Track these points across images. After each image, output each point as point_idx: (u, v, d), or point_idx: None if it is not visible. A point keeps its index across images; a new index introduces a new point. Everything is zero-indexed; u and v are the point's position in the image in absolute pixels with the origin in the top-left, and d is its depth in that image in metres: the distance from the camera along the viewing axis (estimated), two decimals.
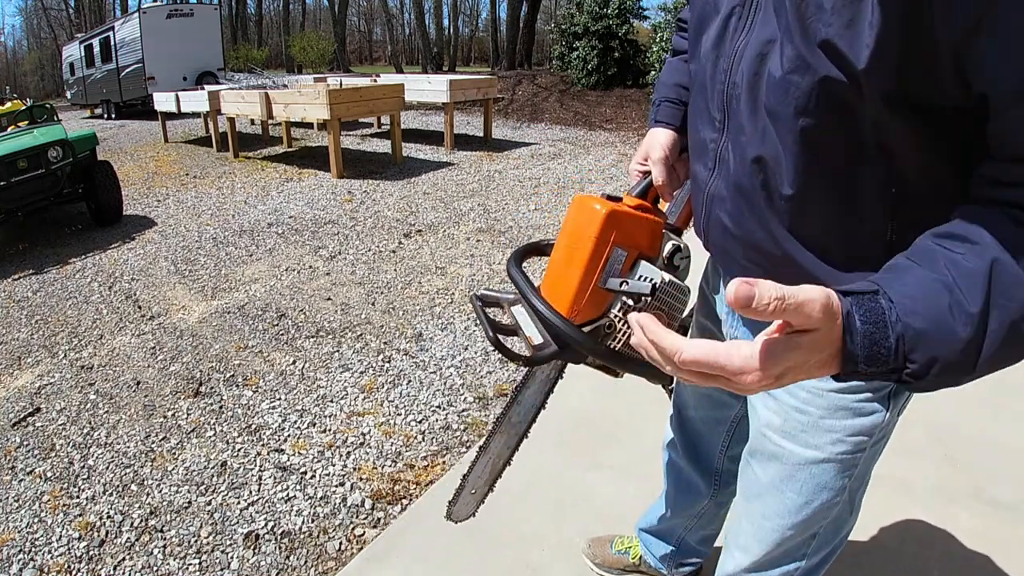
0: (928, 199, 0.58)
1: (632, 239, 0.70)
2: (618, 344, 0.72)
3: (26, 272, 4.18)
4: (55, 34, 38.15)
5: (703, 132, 0.74)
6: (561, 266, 0.73)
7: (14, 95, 18.52)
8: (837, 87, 0.53)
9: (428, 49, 24.73)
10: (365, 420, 2.22)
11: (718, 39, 0.68)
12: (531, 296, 0.72)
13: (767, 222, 0.66)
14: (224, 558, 1.64)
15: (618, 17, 10.83)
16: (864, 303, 0.47)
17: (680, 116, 0.88)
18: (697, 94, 0.75)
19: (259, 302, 3.33)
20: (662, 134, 0.88)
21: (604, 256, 0.69)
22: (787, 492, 0.80)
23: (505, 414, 0.99)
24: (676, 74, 0.93)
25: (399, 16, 44.69)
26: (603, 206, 0.68)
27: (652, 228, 0.72)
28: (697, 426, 1.13)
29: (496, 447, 1.03)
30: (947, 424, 1.90)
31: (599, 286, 0.69)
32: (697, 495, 1.19)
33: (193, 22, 13.98)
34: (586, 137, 8.26)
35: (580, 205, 0.72)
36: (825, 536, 0.84)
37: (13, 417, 2.40)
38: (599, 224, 0.68)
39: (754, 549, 0.87)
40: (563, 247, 0.74)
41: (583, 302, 0.70)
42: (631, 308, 0.69)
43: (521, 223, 4.52)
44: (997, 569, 1.45)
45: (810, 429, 0.76)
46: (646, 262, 0.71)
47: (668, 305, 0.71)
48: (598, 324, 0.71)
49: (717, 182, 0.72)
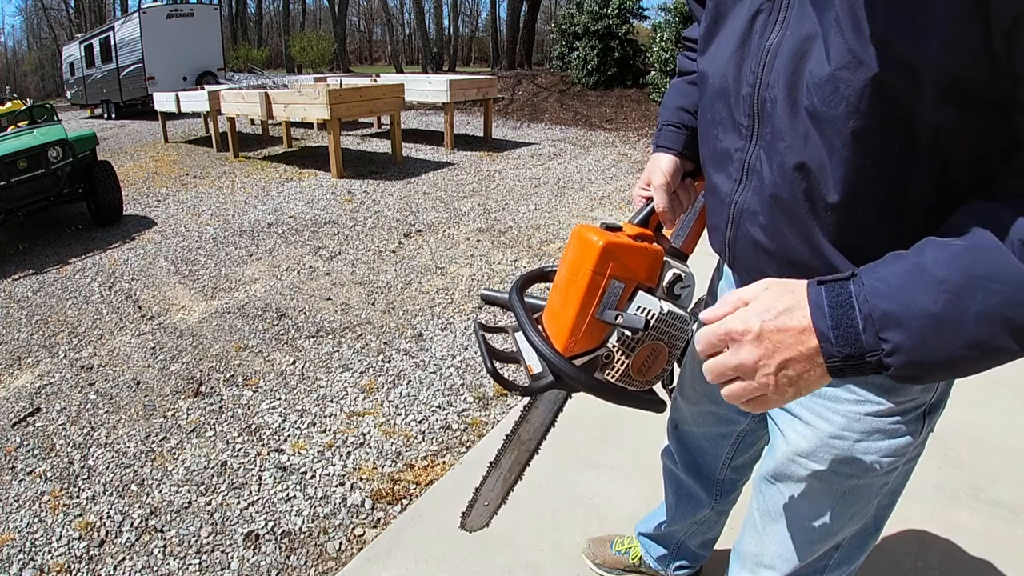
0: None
1: (630, 270, 0.70)
2: (616, 375, 0.72)
3: (26, 272, 4.18)
4: (55, 34, 38.15)
5: (725, 141, 0.70)
6: (559, 297, 0.73)
7: (14, 95, 18.54)
8: (894, 83, 0.50)
9: (428, 49, 24.72)
10: (365, 420, 2.22)
11: (742, 39, 0.64)
12: (526, 327, 0.72)
13: (810, 234, 0.62)
14: (224, 558, 1.64)
15: (618, 17, 10.83)
16: (834, 289, 0.51)
17: (683, 141, 0.86)
18: (715, 100, 0.71)
19: (259, 302, 3.33)
20: (664, 159, 0.86)
21: (601, 288, 0.69)
22: (818, 512, 0.78)
23: (515, 432, 0.99)
24: (680, 97, 0.90)
25: (399, 16, 44.70)
26: (600, 238, 0.68)
27: (651, 258, 0.71)
28: (699, 441, 1.11)
29: (507, 463, 1.04)
30: (947, 424, 1.89)
31: (595, 317, 0.69)
32: (698, 505, 1.18)
33: (193, 22, 13.98)
34: (586, 137, 8.26)
35: (579, 236, 0.72)
36: (848, 550, 0.82)
37: (13, 417, 2.40)
38: (595, 257, 0.68)
39: (782, 567, 0.84)
40: (562, 278, 0.74)
41: (580, 334, 0.70)
42: (630, 339, 0.70)
43: (521, 223, 4.52)
44: (997, 569, 1.45)
45: (845, 453, 0.73)
46: (644, 293, 0.71)
47: (668, 335, 0.71)
48: (596, 354, 0.71)
49: (746, 194, 0.68)
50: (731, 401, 0.57)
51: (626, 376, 0.71)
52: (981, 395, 2.06)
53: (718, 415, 1.03)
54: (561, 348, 0.72)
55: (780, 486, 0.82)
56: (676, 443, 1.17)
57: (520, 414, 0.97)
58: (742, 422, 1.01)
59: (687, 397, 1.08)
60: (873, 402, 0.71)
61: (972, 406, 1.98)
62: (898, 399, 0.71)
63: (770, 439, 0.86)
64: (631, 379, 0.72)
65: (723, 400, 0.96)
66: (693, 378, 1.04)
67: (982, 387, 2.11)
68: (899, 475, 0.77)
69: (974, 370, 0.50)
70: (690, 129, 0.86)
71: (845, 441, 0.73)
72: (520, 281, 0.81)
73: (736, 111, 0.67)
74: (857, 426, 0.72)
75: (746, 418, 1.00)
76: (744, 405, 0.56)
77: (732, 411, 0.99)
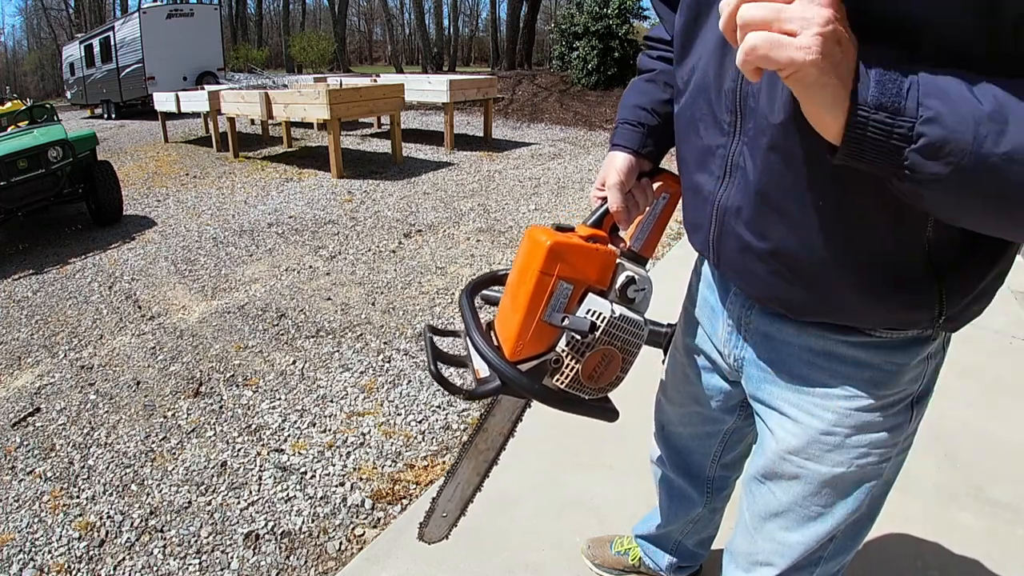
0: None
1: (579, 272, 0.68)
2: (565, 380, 0.69)
3: (26, 272, 4.18)
4: (55, 34, 38.14)
5: (707, 138, 0.69)
6: (509, 299, 0.71)
7: (14, 95, 18.53)
8: None
9: (428, 49, 24.72)
10: (365, 420, 2.22)
11: None
12: (471, 330, 0.70)
13: (799, 228, 0.62)
14: (224, 558, 1.64)
15: (618, 17, 10.83)
16: (880, 48, 0.45)
17: (639, 139, 0.84)
18: (696, 97, 0.70)
19: (259, 302, 3.33)
20: (619, 158, 0.83)
21: (548, 290, 0.67)
22: (812, 507, 0.78)
23: (471, 441, 0.96)
24: (638, 95, 0.89)
25: (399, 16, 44.69)
26: (548, 238, 0.66)
27: (602, 259, 0.69)
28: (686, 442, 1.11)
29: (464, 473, 1.00)
30: (947, 424, 1.90)
31: (543, 320, 0.68)
32: (691, 504, 1.18)
33: (193, 22, 13.98)
34: (586, 137, 8.26)
35: (529, 237, 0.70)
36: (843, 541, 0.83)
37: (13, 417, 2.40)
38: (542, 257, 0.66)
39: (779, 563, 0.85)
40: (512, 280, 0.72)
41: (527, 337, 0.68)
42: (579, 343, 0.67)
43: (521, 223, 4.51)
44: (997, 569, 1.45)
45: (836, 448, 0.73)
46: (595, 295, 0.69)
47: (620, 340, 0.69)
48: (545, 358, 0.69)
49: (730, 191, 0.67)
50: (742, 45, 0.47)
51: (576, 383, 0.69)
52: (981, 395, 2.06)
53: (704, 415, 1.02)
54: (509, 352, 0.70)
55: (771, 484, 0.82)
56: (664, 445, 1.16)
57: (476, 423, 0.94)
58: (728, 421, 1.02)
59: (671, 399, 1.07)
60: (863, 397, 0.71)
61: (972, 406, 1.98)
62: (887, 392, 0.71)
63: (758, 438, 0.86)
64: (582, 386, 0.70)
65: (708, 400, 0.98)
66: (676, 381, 1.04)
67: (982, 387, 2.11)
68: (892, 465, 0.77)
69: (996, 205, 0.46)
70: (647, 127, 0.85)
71: (836, 437, 0.73)
72: (471, 284, 0.80)
73: (718, 107, 0.66)
74: (847, 421, 0.72)
75: (732, 416, 1.00)
76: (751, 53, 0.46)
77: (718, 411, 0.99)
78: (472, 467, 1.00)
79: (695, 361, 0.97)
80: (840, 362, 0.71)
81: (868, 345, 0.70)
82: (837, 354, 0.71)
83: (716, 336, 0.87)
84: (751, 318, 0.79)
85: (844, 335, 0.70)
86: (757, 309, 0.78)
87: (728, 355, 0.85)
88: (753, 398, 0.83)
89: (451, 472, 1.01)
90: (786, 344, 0.75)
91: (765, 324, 0.77)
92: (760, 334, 0.78)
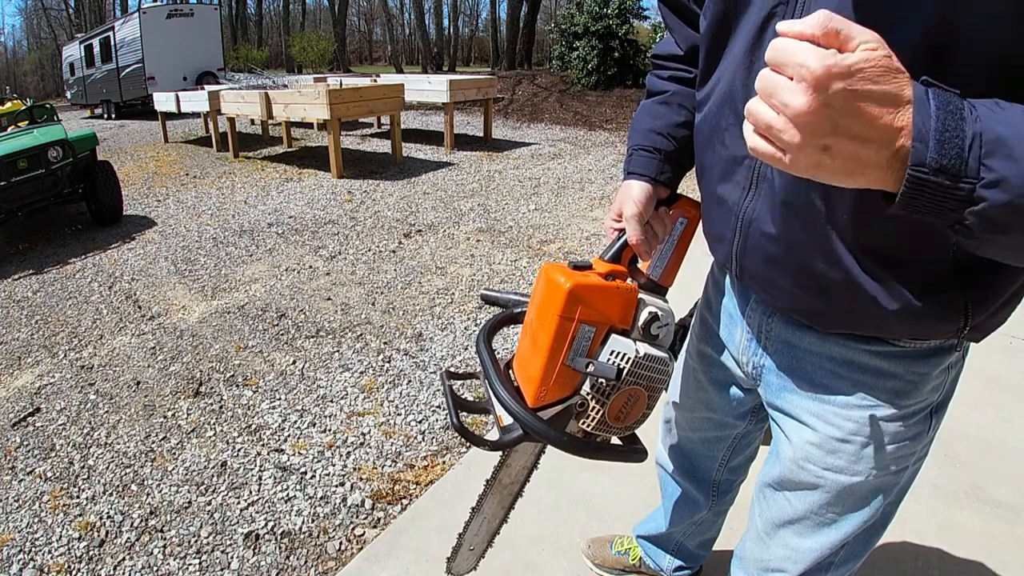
0: None
1: (600, 313, 0.65)
2: (591, 423, 0.67)
3: (26, 272, 4.18)
4: (55, 34, 38.16)
5: (733, 148, 0.67)
6: (528, 342, 0.69)
7: (14, 95, 18.51)
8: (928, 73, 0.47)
9: (428, 49, 24.73)
10: (365, 420, 2.22)
11: (753, 42, 0.62)
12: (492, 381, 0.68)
13: (827, 241, 0.61)
14: (224, 558, 1.64)
15: (618, 17, 10.83)
16: (943, 94, 0.42)
17: (655, 166, 0.81)
18: (722, 106, 0.69)
19: (259, 302, 3.32)
20: (636, 188, 0.80)
21: (570, 334, 0.64)
22: (827, 515, 0.78)
23: (495, 476, 0.94)
24: (651, 119, 0.85)
25: (399, 16, 44.68)
26: (567, 280, 0.63)
27: (623, 298, 0.66)
28: (694, 445, 1.10)
29: (490, 508, 0.99)
30: (947, 424, 1.89)
31: (566, 364, 0.65)
32: (695, 507, 1.18)
33: (193, 22, 13.98)
34: (586, 137, 8.26)
35: (546, 277, 0.67)
36: (854, 547, 0.82)
37: (13, 417, 2.40)
38: (561, 302, 0.63)
39: (791, 569, 0.84)
40: (530, 322, 0.69)
41: (551, 382, 0.66)
42: (604, 387, 0.65)
43: (521, 223, 4.52)
44: (997, 569, 1.45)
45: (855, 458, 0.72)
46: (618, 336, 0.66)
47: (646, 379, 0.66)
48: (570, 403, 0.67)
49: (756, 202, 0.66)
50: (748, 138, 0.46)
51: (603, 424, 0.68)
52: (981, 395, 2.06)
53: (714, 420, 1.01)
54: (531, 398, 0.67)
55: (786, 492, 0.81)
56: (670, 447, 1.16)
57: (500, 459, 0.92)
58: (739, 426, 1.00)
59: (681, 403, 1.07)
60: (884, 407, 0.70)
61: (972, 406, 1.98)
62: (908, 401, 0.70)
63: (773, 445, 0.85)
64: (609, 427, 0.68)
65: (720, 406, 0.98)
66: (687, 385, 1.03)
67: (982, 387, 2.11)
68: (909, 474, 0.77)
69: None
70: (663, 153, 0.82)
71: (855, 446, 0.72)
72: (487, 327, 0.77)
73: None
74: (866, 431, 0.71)
75: (743, 422, 0.99)
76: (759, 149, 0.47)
77: (729, 416, 0.98)
78: (497, 502, 0.98)
79: (708, 367, 0.96)
80: (862, 371, 0.71)
81: (891, 355, 0.69)
82: (859, 363, 0.70)
83: (733, 343, 0.86)
84: (772, 326, 0.77)
85: (867, 344, 0.69)
86: (778, 317, 0.76)
87: (746, 363, 0.84)
88: (771, 406, 0.82)
89: (476, 508, 1.00)
90: (808, 353, 0.74)
91: (787, 333, 0.76)
92: (781, 342, 0.77)
